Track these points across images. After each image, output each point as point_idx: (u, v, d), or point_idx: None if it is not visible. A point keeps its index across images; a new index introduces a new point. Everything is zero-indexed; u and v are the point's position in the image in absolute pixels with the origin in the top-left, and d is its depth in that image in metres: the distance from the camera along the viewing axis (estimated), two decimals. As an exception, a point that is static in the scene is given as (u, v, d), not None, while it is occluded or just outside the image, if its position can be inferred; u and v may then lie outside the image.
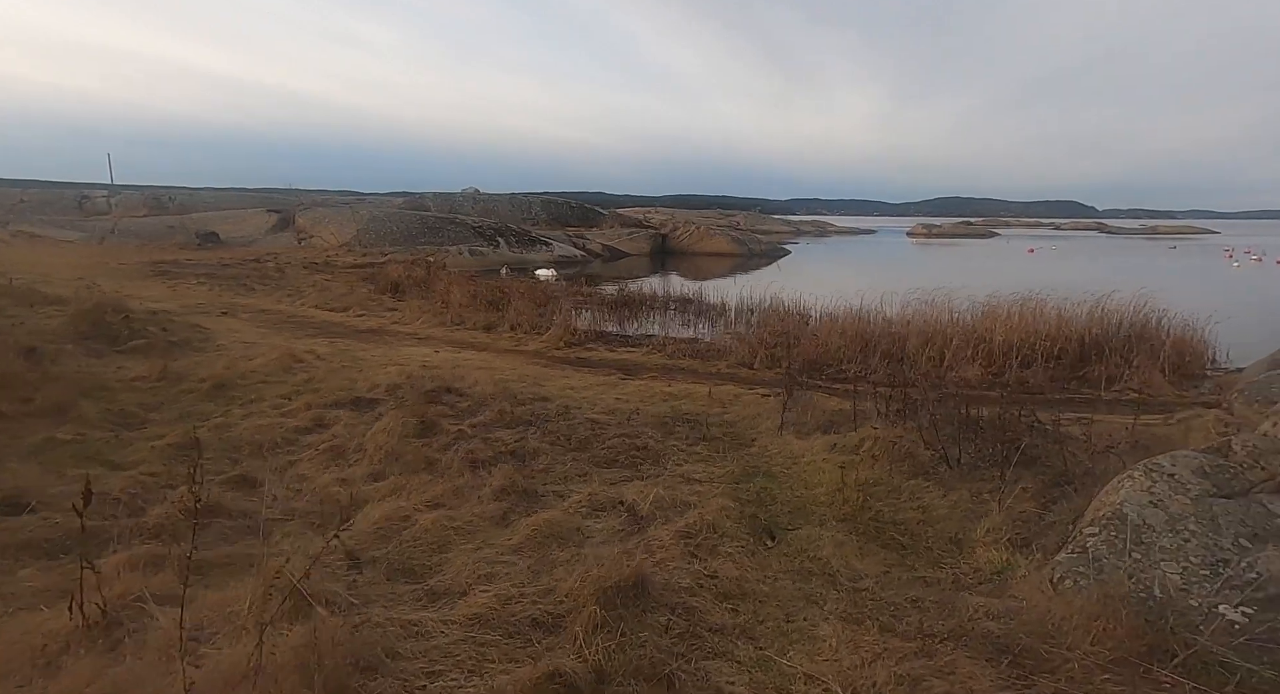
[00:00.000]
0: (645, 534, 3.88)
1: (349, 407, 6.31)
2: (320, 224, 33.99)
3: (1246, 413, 7.34)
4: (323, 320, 13.76)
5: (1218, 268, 38.84)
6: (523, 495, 4.28)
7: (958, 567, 3.97)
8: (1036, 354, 11.34)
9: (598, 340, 12.67)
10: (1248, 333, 14.43)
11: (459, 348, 11.40)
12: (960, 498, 4.81)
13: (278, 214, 36.59)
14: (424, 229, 32.80)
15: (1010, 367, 10.89)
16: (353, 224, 32.88)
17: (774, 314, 16.13)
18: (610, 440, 5.78)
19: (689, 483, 4.81)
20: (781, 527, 4.33)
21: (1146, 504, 3.91)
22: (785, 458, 5.76)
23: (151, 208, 42.26)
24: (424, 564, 3.47)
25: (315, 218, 34.81)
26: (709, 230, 42.20)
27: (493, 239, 33.42)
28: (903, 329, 12.47)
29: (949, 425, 6.46)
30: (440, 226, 33.18)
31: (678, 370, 10.61)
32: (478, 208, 44.07)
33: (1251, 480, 4.18)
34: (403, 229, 32.45)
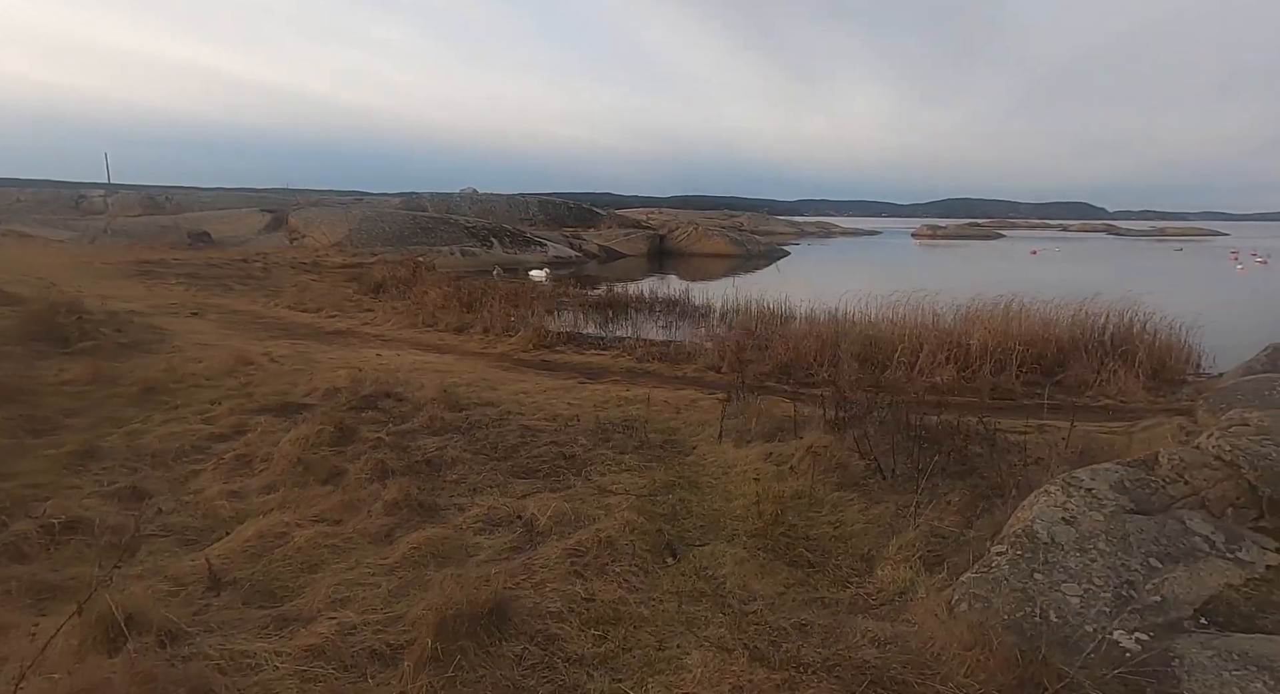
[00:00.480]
0: (534, 552, 3.71)
1: (275, 413, 6.16)
2: (312, 224, 33.90)
3: (1210, 421, 7.12)
4: (292, 321, 13.64)
5: (1221, 270, 38.47)
6: (417, 509, 4.11)
7: (863, 586, 3.79)
8: (1013, 358, 11.14)
9: (569, 343, 12.51)
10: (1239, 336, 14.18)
11: (424, 350, 11.25)
12: (883, 512, 4.63)
13: (271, 214, 36.53)
14: (417, 229, 32.71)
15: (983, 371, 10.69)
16: (345, 224, 32.79)
17: (759, 316, 15.99)
18: (538, 449, 5.61)
19: (603, 495, 4.64)
20: (689, 542, 4.16)
21: (1058, 521, 3.73)
22: (718, 468, 5.59)
23: (146, 207, 42.28)
24: (287, 586, 3.30)
25: (308, 218, 34.73)
26: (707, 231, 42.00)
27: (486, 240, 33.31)
28: (879, 332, 12.28)
29: (894, 434, 6.31)
30: (434, 227, 33.08)
31: (643, 374, 10.44)
32: (475, 208, 44.03)
33: (1173, 496, 4.00)
34: (395, 230, 32.36)
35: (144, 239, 33.38)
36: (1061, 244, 69.33)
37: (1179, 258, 50.12)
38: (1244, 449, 4.24)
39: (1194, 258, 49.97)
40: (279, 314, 14.52)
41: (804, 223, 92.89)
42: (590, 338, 13.19)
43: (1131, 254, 55.39)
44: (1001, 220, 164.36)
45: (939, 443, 6.16)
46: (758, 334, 13.81)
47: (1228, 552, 3.67)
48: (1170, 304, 16.48)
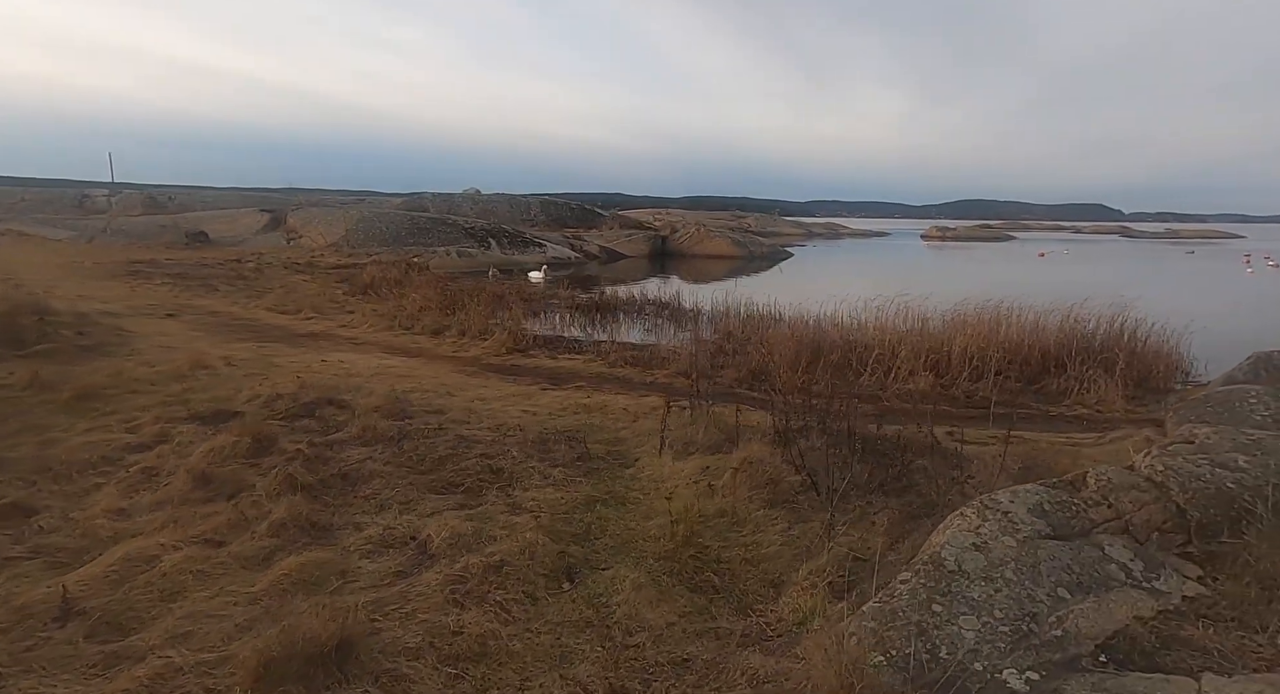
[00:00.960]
0: (417, 577, 3.55)
1: (204, 421, 6.02)
2: (310, 224, 33.89)
3: (1183, 434, 6.90)
4: (268, 323, 13.54)
5: (1231, 273, 37.96)
6: (307, 530, 3.95)
7: (764, 615, 3.60)
8: (994, 365, 10.91)
9: (545, 346, 12.35)
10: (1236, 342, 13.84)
11: (394, 354, 11.12)
12: (806, 531, 4.44)
13: (270, 214, 36.57)
14: (414, 230, 32.65)
15: (961, 379, 10.46)
16: (342, 225, 32.76)
17: (746, 320, 15.82)
18: (467, 461, 5.44)
19: (515, 513, 4.46)
20: (593, 565, 3.98)
21: (969, 546, 3.53)
22: (651, 482, 5.41)
23: (147, 207, 42.42)
24: (139, 617, 3.13)
25: (306, 218, 34.72)
26: (709, 232, 41.77)
27: (484, 240, 33.21)
28: (860, 337, 12.07)
29: (842, 446, 6.12)
30: (431, 228, 33.01)
31: (612, 379, 10.27)
32: (477, 208, 43.96)
33: (1094, 520, 3.80)
34: (392, 230, 32.30)
35: (143, 239, 33.48)
36: (1072, 246, 68.73)
37: (1189, 260, 49.55)
38: (1177, 470, 4.04)
39: (1205, 260, 49.37)
40: (256, 316, 14.42)
41: (812, 224, 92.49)
42: (568, 341, 13.03)
43: (1141, 257, 54.82)
44: (1013, 222, 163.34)
45: (887, 456, 5.98)
46: (736, 338, 13.65)
47: (1144, 581, 3.48)
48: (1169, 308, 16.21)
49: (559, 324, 16.63)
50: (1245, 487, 3.91)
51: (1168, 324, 12.94)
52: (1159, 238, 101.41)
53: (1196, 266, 43.57)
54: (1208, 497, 3.86)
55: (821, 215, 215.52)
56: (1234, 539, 3.74)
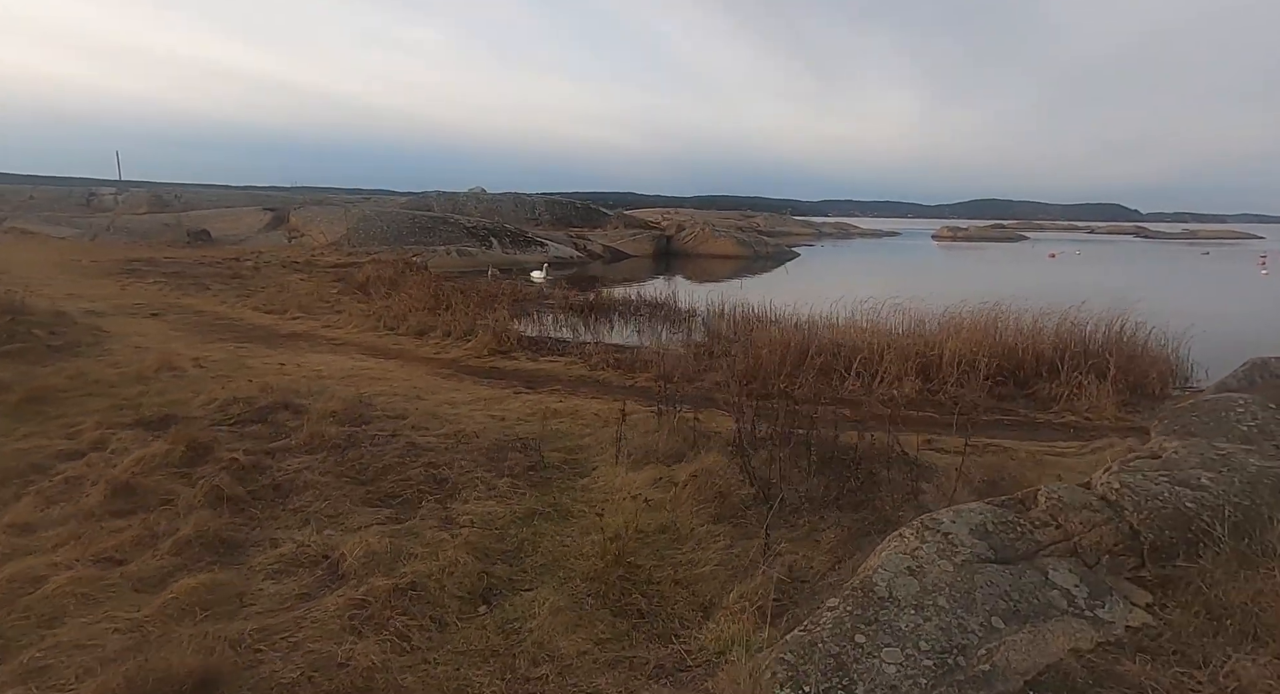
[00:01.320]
0: (319, 601, 3.37)
1: (149, 427, 5.86)
2: (312, 223, 33.86)
3: (1166, 445, 6.66)
4: (252, 323, 13.43)
5: (1245, 274, 37.42)
6: (215, 547, 3.79)
7: (687, 642, 3.40)
8: (984, 370, 10.66)
9: (529, 348, 12.17)
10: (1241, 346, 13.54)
11: (372, 355, 10.97)
12: (749, 549, 4.24)
13: (273, 212, 36.59)
14: (416, 229, 32.57)
15: (948, 384, 10.22)
16: (343, 223, 32.71)
17: (741, 321, 15.63)
18: (412, 471, 5.27)
19: (445, 528, 4.28)
20: (517, 586, 3.79)
21: (903, 571, 3.33)
22: (603, 493, 5.22)
23: (153, 205, 42.54)
24: (11, 644, 2.96)
25: (308, 217, 34.70)
26: (714, 232, 41.51)
27: (486, 240, 33.09)
28: (849, 339, 11.84)
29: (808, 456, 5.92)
30: (433, 226, 32.92)
31: (590, 383, 10.10)
32: (481, 207, 43.85)
33: (1040, 542, 3.59)
34: (394, 229, 32.22)
35: (146, 237, 33.56)
36: (1085, 247, 68.04)
37: (1204, 262, 48.89)
38: (1133, 488, 3.83)
39: (1220, 262, 48.70)
40: (242, 315, 14.33)
41: (822, 224, 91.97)
42: (553, 343, 12.85)
43: (1154, 258, 54.15)
44: (1027, 222, 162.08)
45: (851, 467, 5.78)
46: (725, 340, 13.44)
47: (1088, 609, 3.27)
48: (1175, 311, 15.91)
49: (549, 325, 16.47)
50: (1205, 506, 3.70)
51: (1168, 328, 12.67)
52: (1175, 238, 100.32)
53: (1210, 268, 42.97)
54: (1163, 517, 3.64)
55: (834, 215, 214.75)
56: (1190, 563, 3.53)
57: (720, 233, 41.47)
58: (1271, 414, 6.45)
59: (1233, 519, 3.65)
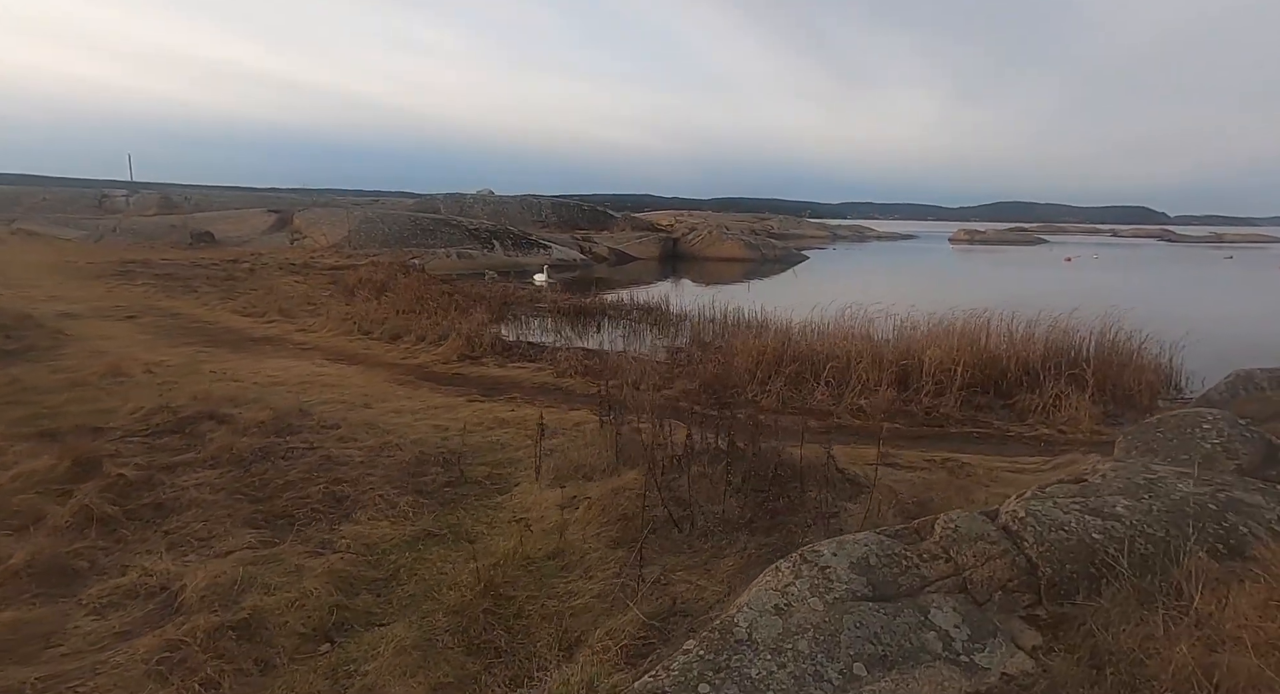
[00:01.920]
0: (135, 640, 3.15)
1: (52, 438, 5.70)
2: (314, 225, 33.95)
3: (1128, 463, 6.34)
4: (226, 326, 13.34)
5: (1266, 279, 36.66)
6: (49, 576, 3.57)
7: (540, 687, 3.17)
8: (966, 379, 10.34)
9: (501, 353, 11.97)
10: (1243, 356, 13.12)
11: (336, 360, 10.81)
12: (642, 577, 4.00)
13: (277, 214, 36.76)
14: (418, 231, 32.55)
15: (923, 393, 9.89)
16: (345, 225, 32.76)
17: (724, 326, 15.41)
18: (313, 487, 5.06)
19: (321, 553, 4.05)
20: (374, 620, 3.56)
21: (769, 609, 3.07)
22: (515, 512, 4.99)
23: (161, 207, 42.90)
24: None
25: (311, 219, 34.80)
26: (721, 235, 41.23)
27: (488, 242, 33.01)
28: (829, 346, 11.54)
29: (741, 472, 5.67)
30: (435, 229, 32.89)
31: (553, 390, 9.88)
32: (488, 209, 43.88)
33: (926, 576, 3.32)
34: (395, 231, 32.23)
35: (151, 238, 33.77)
36: (1105, 250, 67.03)
37: (1226, 265, 47.98)
38: (1039, 517, 3.55)
39: (1242, 266, 47.78)
40: (219, 318, 14.25)
41: (838, 226, 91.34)
42: (528, 348, 12.65)
43: (1173, 262, 53.19)
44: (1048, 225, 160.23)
45: (783, 484, 5.51)
46: (706, 346, 13.18)
47: (965, 653, 2.99)
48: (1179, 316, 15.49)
49: (534, 329, 16.31)
50: (1114, 538, 3.42)
51: (1163, 335, 12.30)
52: (1201, 242, 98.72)
53: (1230, 272, 42.15)
54: (1065, 550, 3.37)
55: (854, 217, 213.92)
56: (1090, 601, 3.26)
57: (728, 236, 41.17)
58: (1239, 431, 6.13)
59: (1141, 552, 3.38)
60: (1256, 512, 3.72)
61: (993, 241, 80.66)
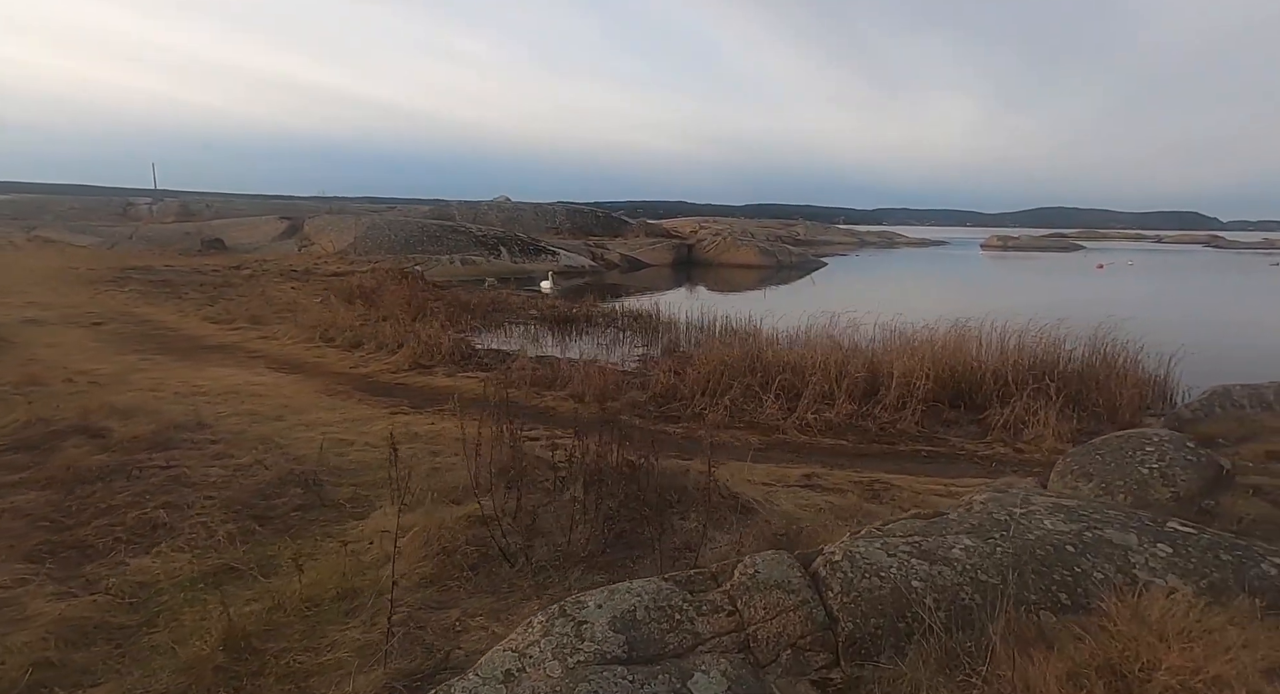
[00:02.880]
0: None
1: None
2: (323, 232, 34.11)
3: (1059, 489, 5.77)
4: (188, 334, 13.18)
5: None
6: None
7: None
8: (934, 392, 9.77)
9: (457, 362, 11.60)
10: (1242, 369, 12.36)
11: (278, 369, 10.53)
12: (423, 623, 3.57)
13: (288, 221, 37.02)
14: (424, 238, 32.51)
15: (878, 408, 9.33)
16: (352, 232, 32.86)
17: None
18: (136, 512, 4.69)
19: (63, 598, 3.59)
20: (90, 680, 3.10)
21: (497, 675, 2.62)
22: (339, 544, 4.55)
23: (180, 215, 43.52)
24: None
25: (320, 225, 34.99)
26: (735, 241, 40.69)
27: (495, 248, 32.86)
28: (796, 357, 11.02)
29: (614, 495, 5.22)
30: (441, 235, 32.83)
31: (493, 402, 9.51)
32: (502, 216, 43.85)
33: (701, 633, 2.85)
34: (401, 237, 32.22)
35: (164, 245, 34.12)
36: (1146, 256, 65.13)
37: (1269, 273, 46.24)
38: (856, 560, 3.06)
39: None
40: (185, 325, 14.11)
41: (866, 232, 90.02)
42: (487, 356, 12.30)
43: (1213, 268, 51.40)
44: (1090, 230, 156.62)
45: (662, 511, 5.05)
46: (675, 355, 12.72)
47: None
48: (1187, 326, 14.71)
49: (513, 337, 16.00)
50: (936, 587, 2.93)
51: (1165, 347, 11.63)
52: (1249, 247, 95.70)
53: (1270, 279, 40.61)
54: (874, 601, 2.88)
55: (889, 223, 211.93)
56: (892, 663, 2.77)
57: (743, 242, 40.60)
58: (1182, 454, 5.58)
59: (965, 603, 2.89)
60: (1122, 555, 3.19)
61: (1026, 248, 78.84)
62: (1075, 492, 5.66)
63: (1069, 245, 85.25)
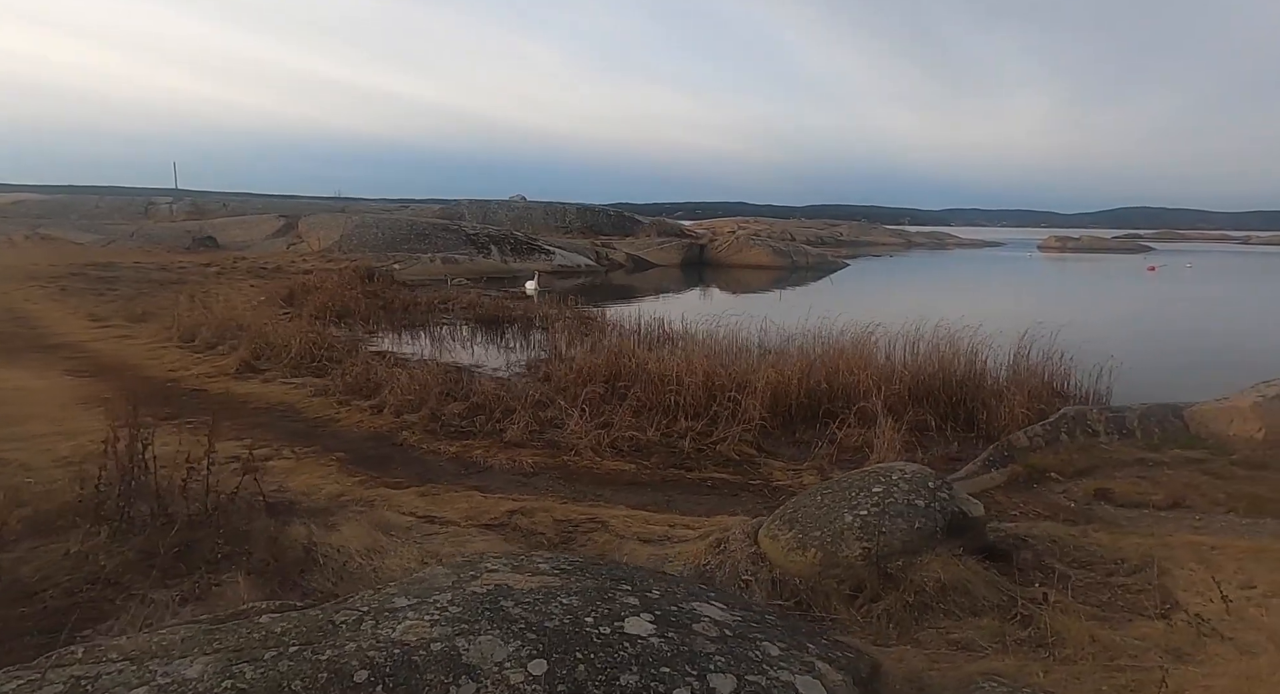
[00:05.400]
0: None
1: None
2: (314, 230, 34.00)
3: (766, 537, 4.55)
4: (48, 332, 12.52)
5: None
6: None
7: None
8: (757, 410, 8.53)
9: (303, 365, 10.76)
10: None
11: (82, 371, 9.76)
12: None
13: (285, 220, 37.12)
14: (412, 236, 32.09)
15: (684, 423, 8.12)
16: (338, 230, 32.68)
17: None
18: None
19: None
20: None
21: None
22: None
23: (191, 213, 44.19)
24: None
25: (313, 224, 34.93)
26: (748, 241, 39.33)
27: (485, 247, 32.23)
28: (662, 367, 9.86)
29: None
30: (429, 234, 32.37)
31: (282, 413, 8.62)
32: (512, 215, 43.39)
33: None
34: (387, 236, 31.88)
35: (162, 242, 34.40)
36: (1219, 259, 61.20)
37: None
38: None
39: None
40: (54, 323, 13.51)
41: (915, 233, 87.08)
42: (335, 360, 11.39)
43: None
44: (1169, 231, 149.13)
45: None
46: (564, 360, 11.65)
47: None
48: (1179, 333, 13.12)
49: (420, 339, 15.17)
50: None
51: (1102, 361, 10.21)
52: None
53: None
54: None
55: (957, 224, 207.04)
56: None
57: (755, 242, 39.20)
58: (911, 499, 4.49)
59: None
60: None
61: (1087, 249, 75.03)
62: (774, 540, 4.49)
63: (1135, 247, 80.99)
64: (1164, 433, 6.23)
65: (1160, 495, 5.45)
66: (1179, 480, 5.58)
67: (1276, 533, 4.94)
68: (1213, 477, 5.57)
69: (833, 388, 9.30)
